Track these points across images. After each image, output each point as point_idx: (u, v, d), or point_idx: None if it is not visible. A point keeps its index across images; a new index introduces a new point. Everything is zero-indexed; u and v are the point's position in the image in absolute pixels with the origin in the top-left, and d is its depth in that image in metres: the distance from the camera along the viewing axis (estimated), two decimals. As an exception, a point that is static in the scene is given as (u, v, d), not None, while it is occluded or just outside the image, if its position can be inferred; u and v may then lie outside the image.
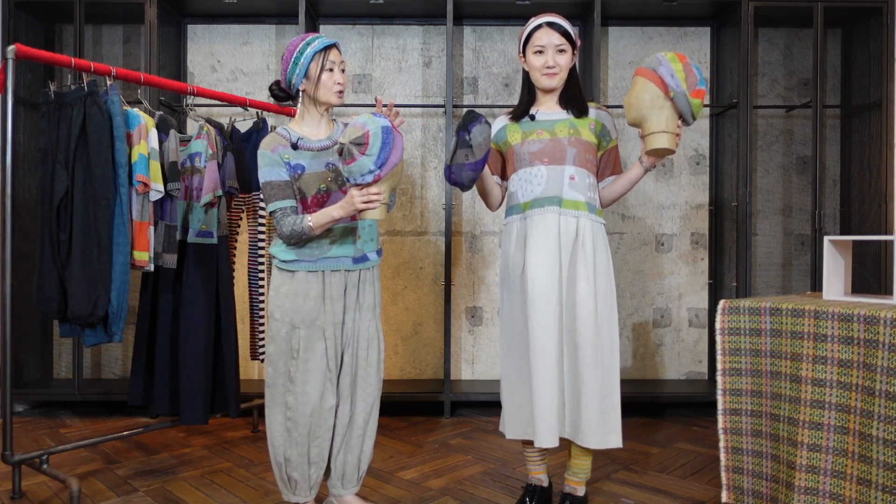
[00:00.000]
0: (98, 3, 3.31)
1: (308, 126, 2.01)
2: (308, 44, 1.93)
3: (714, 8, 3.54)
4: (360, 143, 1.74)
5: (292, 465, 1.97)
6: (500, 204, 2.23)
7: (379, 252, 2.08)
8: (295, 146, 1.94)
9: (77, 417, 3.35)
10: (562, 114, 2.08)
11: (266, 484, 2.44)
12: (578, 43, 2.10)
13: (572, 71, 2.10)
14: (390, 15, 3.68)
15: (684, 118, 1.90)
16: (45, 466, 2.29)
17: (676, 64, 1.86)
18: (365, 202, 1.79)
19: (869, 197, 3.42)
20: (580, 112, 2.06)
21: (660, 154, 1.95)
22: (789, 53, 3.73)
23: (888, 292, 3.17)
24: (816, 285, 3.31)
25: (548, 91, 2.08)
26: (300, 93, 1.98)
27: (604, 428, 1.98)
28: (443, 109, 3.68)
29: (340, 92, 1.97)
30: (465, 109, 3.71)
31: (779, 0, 3.35)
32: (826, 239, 2.01)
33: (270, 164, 1.91)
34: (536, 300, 1.99)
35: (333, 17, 3.70)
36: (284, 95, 2.03)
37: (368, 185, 1.80)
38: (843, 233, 3.62)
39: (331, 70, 1.93)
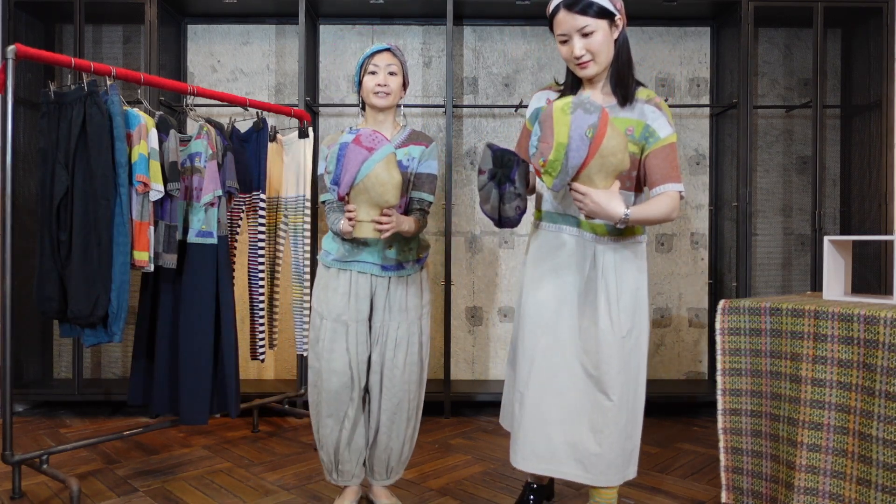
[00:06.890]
0: (98, 3, 3.31)
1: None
2: (364, 53, 2.06)
3: (714, 8, 3.54)
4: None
5: (320, 444, 2.11)
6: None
7: (420, 261, 2.11)
8: None
9: (77, 417, 3.35)
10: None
11: (266, 484, 2.44)
12: (619, 12, 1.72)
13: (621, 47, 1.75)
14: (390, 15, 3.68)
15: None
16: (45, 466, 2.29)
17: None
18: (344, 220, 1.88)
19: (869, 197, 3.42)
20: (623, 100, 1.76)
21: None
22: (789, 53, 3.73)
23: (888, 292, 3.17)
24: (816, 285, 3.31)
25: (587, 79, 1.81)
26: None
27: (623, 465, 1.85)
28: (443, 109, 3.67)
29: (378, 94, 2.02)
30: (463, 111, 3.73)
31: (779, 0, 3.36)
32: (826, 239, 2.01)
33: (324, 158, 2.05)
34: (535, 328, 1.85)
35: (333, 17, 3.70)
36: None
37: (345, 203, 1.89)
38: (843, 233, 3.62)
39: (373, 73, 2.01)
